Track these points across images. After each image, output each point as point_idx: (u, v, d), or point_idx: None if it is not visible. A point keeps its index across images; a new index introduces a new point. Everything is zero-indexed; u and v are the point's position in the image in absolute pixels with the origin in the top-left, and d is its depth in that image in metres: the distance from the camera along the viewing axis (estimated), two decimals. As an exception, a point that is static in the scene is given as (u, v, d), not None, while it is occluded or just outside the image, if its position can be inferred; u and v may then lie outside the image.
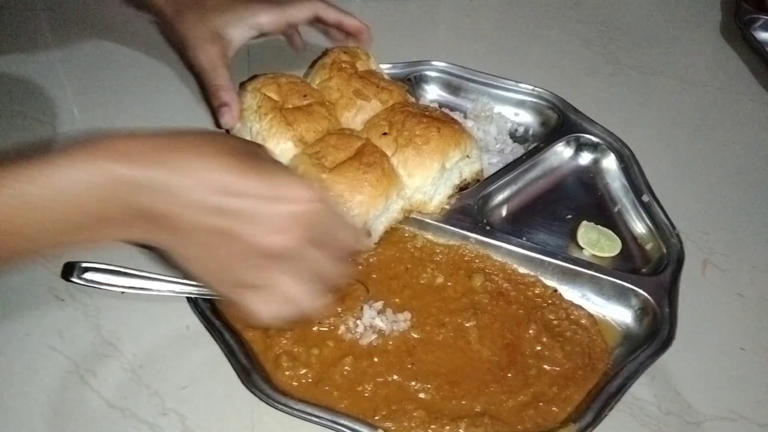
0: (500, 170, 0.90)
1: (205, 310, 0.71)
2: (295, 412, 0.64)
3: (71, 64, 1.05)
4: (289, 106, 0.83)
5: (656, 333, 0.74)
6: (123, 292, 0.70)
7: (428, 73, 1.05)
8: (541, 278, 0.80)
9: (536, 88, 1.02)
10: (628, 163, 0.94)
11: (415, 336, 0.73)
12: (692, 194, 0.96)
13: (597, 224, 0.87)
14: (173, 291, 0.70)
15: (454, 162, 0.83)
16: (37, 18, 1.14)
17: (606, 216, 0.90)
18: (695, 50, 1.27)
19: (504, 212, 0.90)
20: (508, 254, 0.81)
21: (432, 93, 1.05)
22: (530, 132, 1.01)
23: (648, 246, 0.86)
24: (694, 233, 0.90)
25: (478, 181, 0.87)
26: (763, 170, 1.02)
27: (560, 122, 0.98)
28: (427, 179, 0.80)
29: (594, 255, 0.84)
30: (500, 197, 0.90)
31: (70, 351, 0.70)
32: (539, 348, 0.73)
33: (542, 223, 0.88)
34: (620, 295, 0.79)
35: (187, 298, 0.72)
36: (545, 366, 0.72)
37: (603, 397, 0.67)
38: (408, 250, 0.81)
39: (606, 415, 0.66)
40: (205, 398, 0.68)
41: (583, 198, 0.92)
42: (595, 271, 0.79)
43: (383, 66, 0.99)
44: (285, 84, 0.85)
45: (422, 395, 0.68)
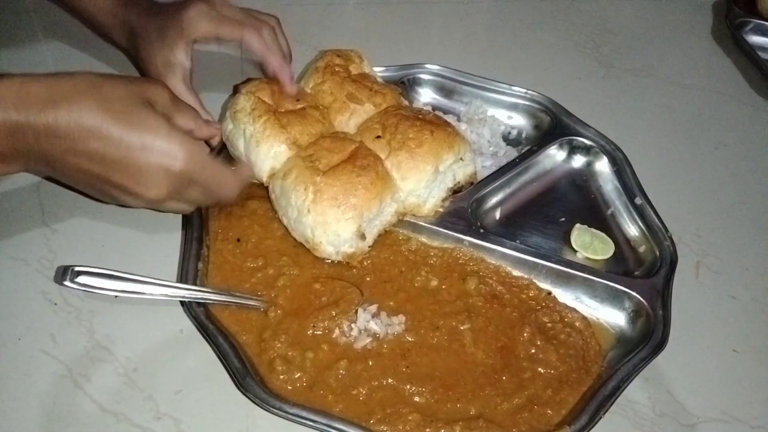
0: (494, 173, 0.90)
1: (199, 314, 0.70)
2: (290, 416, 0.64)
3: (63, 66, 1.05)
4: (283, 110, 0.83)
5: (650, 335, 0.74)
6: (116, 296, 0.70)
7: (421, 76, 1.05)
8: (535, 281, 0.80)
9: (529, 91, 1.02)
10: (621, 166, 0.94)
11: (410, 339, 0.73)
12: (685, 197, 0.97)
13: (590, 227, 0.87)
14: (167, 295, 0.70)
15: (448, 165, 0.83)
16: (29, 20, 1.14)
17: (599, 219, 0.90)
18: (687, 53, 1.28)
19: (498, 215, 0.90)
20: (502, 257, 0.81)
21: (425, 96, 1.05)
22: (523, 135, 1.01)
23: (641, 248, 0.86)
24: (687, 236, 0.90)
25: (472, 184, 0.87)
26: (755, 172, 1.03)
27: (553, 125, 0.98)
28: (421, 182, 0.81)
29: (587, 258, 0.84)
30: (494, 200, 0.90)
31: (63, 355, 0.70)
32: (533, 351, 0.74)
33: (536, 226, 0.88)
34: (614, 298, 0.79)
35: (181, 302, 0.72)
36: (540, 369, 0.72)
37: (597, 400, 0.68)
38: (402, 253, 0.81)
39: (600, 418, 0.66)
40: (200, 402, 0.67)
41: (576, 201, 0.93)
42: (589, 274, 0.79)
43: (376, 69, 0.99)
44: (278, 88, 0.85)
45: (417, 398, 0.68)
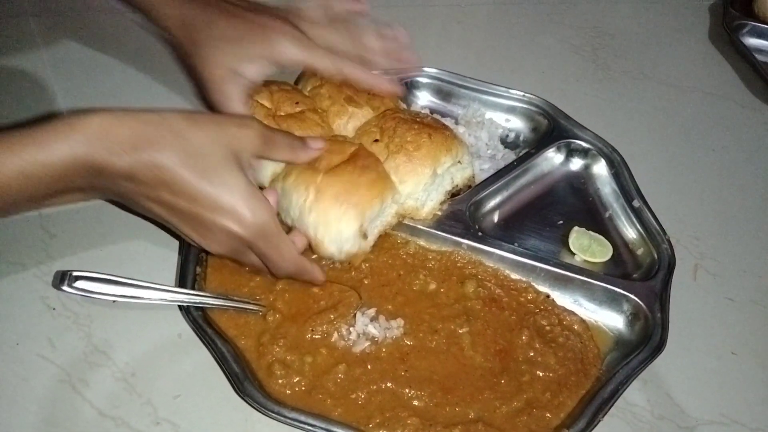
0: (491, 176, 0.90)
1: (197, 319, 0.70)
2: (289, 421, 0.64)
3: (60, 70, 1.05)
4: (282, 113, 0.83)
5: (648, 338, 0.74)
6: (114, 301, 0.70)
7: (419, 80, 1.05)
8: (534, 284, 0.80)
9: (527, 94, 1.02)
10: (619, 169, 0.94)
11: (408, 343, 0.73)
12: (682, 199, 0.97)
13: (588, 230, 0.87)
14: (165, 299, 0.70)
15: (446, 168, 0.83)
16: (27, 24, 1.14)
17: (597, 221, 0.90)
18: (684, 56, 1.29)
19: (496, 218, 0.90)
20: (500, 260, 0.81)
21: (423, 99, 1.05)
22: (521, 138, 1.02)
23: (639, 251, 0.86)
24: (685, 238, 0.90)
25: (470, 187, 0.87)
26: (753, 174, 1.03)
27: (551, 128, 0.98)
28: (419, 185, 0.80)
29: (586, 260, 0.84)
30: (492, 203, 0.90)
31: (62, 360, 0.70)
32: (532, 354, 0.74)
33: (534, 229, 0.88)
34: (612, 301, 0.79)
35: (179, 307, 0.72)
36: (538, 372, 0.72)
37: (596, 403, 0.68)
38: (400, 257, 0.81)
39: (599, 421, 0.66)
40: (198, 407, 0.67)
41: (574, 203, 0.93)
42: (587, 277, 0.80)
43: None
44: (277, 91, 0.85)
45: (416, 402, 0.68)
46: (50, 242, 0.80)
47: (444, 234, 0.82)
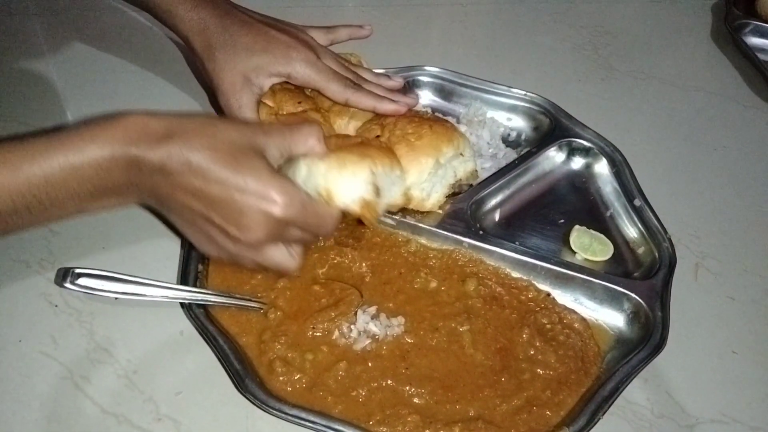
0: (493, 175, 0.91)
1: (199, 316, 0.71)
2: (290, 418, 0.64)
3: (64, 70, 1.05)
4: (284, 112, 0.83)
5: (649, 336, 0.74)
6: (116, 298, 0.70)
7: (421, 78, 1.05)
8: (534, 282, 0.80)
9: (528, 93, 1.02)
10: (620, 168, 0.94)
11: (409, 341, 0.73)
12: (684, 198, 0.97)
13: (589, 228, 0.87)
14: (167, 296, 0.71)
15: (448, 158, 0.82)
16: (30, 23, 1.14)
17: (598, 220, 0.90)
18: (686, 55, 1.28)
19: (497, 217, 0.90)
20: (501, 258, 0.81)
21: (425, 98, 1.05)
22: (523, 137, 1.02)
23: (640, 250, 0.86)
24: (686, 237, 0.90)
25: (471, 186, 0.87)
26: (754, 174, 1.03)
27: (552, 127, 0.98)
28: (423, 174, 0.79)
29: (586, 259, 0.85)
30: (493, 202, 0.90)
31: (64, 357, 0.70)
32: (532, 352, 0.74)
33: (535, 228, 0.89)
34: (613, 299, 0.79)
35: (181, 304, 0.72)
36: (538, 370, 0.72)
37: (596, 401, 0.68)
38: (401, 255, 0.81)
39: (599, 419, 0.66)
40: (200, 404, 0.68)
41: (576, 202, 0.93)
42: (588, 275, 0.80)
43: (376, 71, 0.99)
44: (279, 90, 0.85)
45: (416, 400, 0.69)
46: (53, 239, 0.80)
47: (445, 232, 0.82)
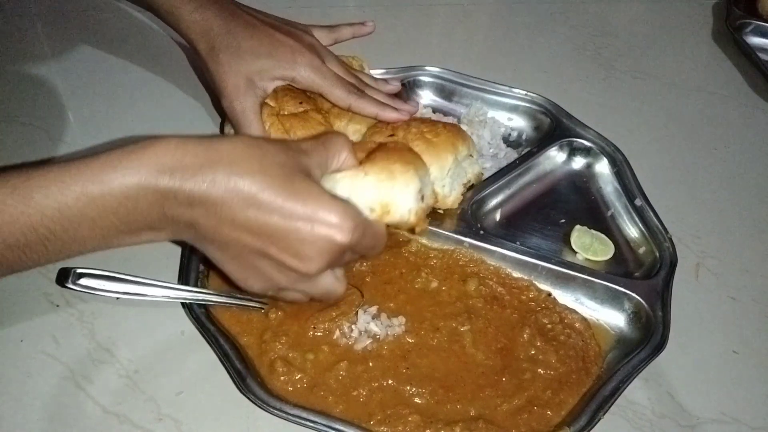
0: (494, 175, 0.91)
1: (200, 316, 0.71)
2: (290, 417, 0.64)
3: (66, 70, 1.05)
4: (285, 113, 0.83)
5: (649, 336, 0.74)
6: (118, 298, 0.70)
7: (422, 78, 1.05)
8: (535, 282, 0.80)
9: (529, 93, 1.02)
10: (621, 168, 0.94)
11: (410, 340, 0.73)
12: (684, 198, 0.97)
13: (590, 228, 0.87)
14: (168, 296, 0.71)
15: (464, 156, 0.82)
16: (32, 24, 1.14)
17: (599, 220, 0.90)
18: (687, 55, 1.28)
19: (498, 216, 0.90)
20: (502, 258, 0.81)
21: (426, 98, 1.05)
22: (523, 137, 1.02)
23: (641, 250, 0.86)
24: (687, 237, 0.90)
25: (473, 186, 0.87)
26: (755, 173, 1.03)
27: (553, 127, 0.98)
28: (444, 169, 0.79)
29: (587, 259, 0.85)
30: (494, 201, 0.91)
31: (65, 357, 0.70)
32: (533, 352, 0.74)
33: (536, 228, 0.89)
34: (613, 299, 0.79)
35: (182, 304, 0.72)
36: (539, 370, 0.72)
37: (597, 401, 0.68)
38: (402, 255, 0.81)
39: (600, 419, 0.67)
40: (201, 404, 0.68)
41: (576, 202, 0.93)
42: (589, 275, 0.80)
43: (377, 72, 0.99)
44: (281, 90, 0.85)
45: (417, 400, 0.69)
46: (54, 240, 0.80)
47: (446, 232, 0.82)
